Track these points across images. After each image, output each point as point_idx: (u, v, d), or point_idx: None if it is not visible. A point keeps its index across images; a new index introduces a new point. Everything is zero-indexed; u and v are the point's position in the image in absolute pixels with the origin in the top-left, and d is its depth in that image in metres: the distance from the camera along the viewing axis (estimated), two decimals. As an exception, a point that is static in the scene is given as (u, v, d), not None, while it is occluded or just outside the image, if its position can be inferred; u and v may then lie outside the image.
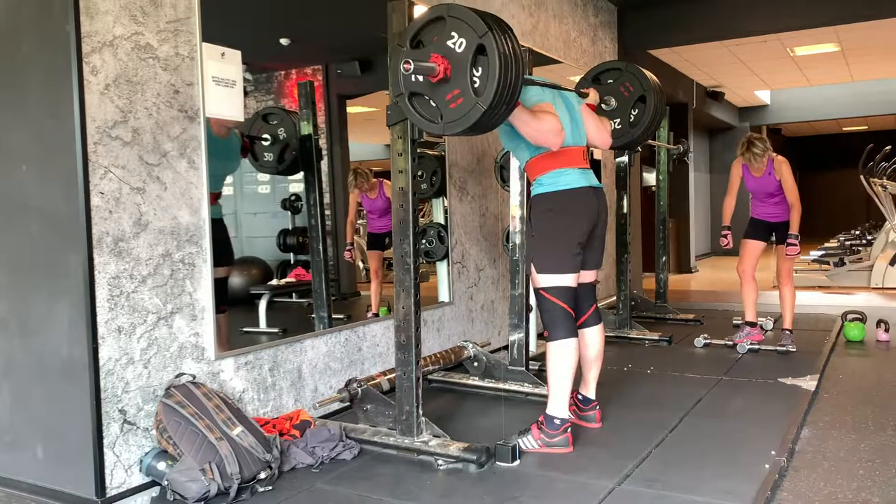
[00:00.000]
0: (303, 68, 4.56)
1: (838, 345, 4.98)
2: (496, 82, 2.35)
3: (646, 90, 3.68)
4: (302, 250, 4.51)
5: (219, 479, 2.46)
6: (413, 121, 2.63)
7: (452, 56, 2.43)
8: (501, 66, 2.35)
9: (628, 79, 3.75)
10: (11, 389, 2.69)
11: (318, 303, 4.04)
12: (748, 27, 7.02)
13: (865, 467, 2.72)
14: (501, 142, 3.20)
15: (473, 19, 2.40)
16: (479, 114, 2.40)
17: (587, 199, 3.01)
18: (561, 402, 2.94)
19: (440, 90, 2.47)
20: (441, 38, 2.46)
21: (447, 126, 2.49)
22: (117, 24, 2.54)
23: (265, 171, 4.29)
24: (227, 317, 3.49)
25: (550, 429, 2.91)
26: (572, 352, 2.94)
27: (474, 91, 2.40)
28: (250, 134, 4.04)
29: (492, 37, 2.35)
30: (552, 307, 2.96)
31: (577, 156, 3.04)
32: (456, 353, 4.06)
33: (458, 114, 2.45)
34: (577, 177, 3.00)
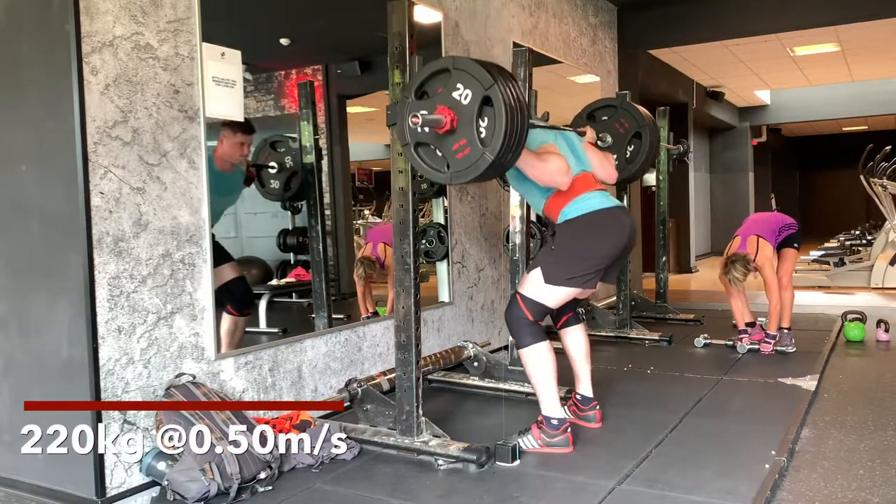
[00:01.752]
0: (303, 68, 4.57)
1: (838, 345, 4.97)
2: (503, 133, 2.37)
3: (641, 127, 3.75)
4: (302, 250, 4.52)
5: (219, 479, 2.46)
6: (419, 170, 2.64)
7: (458, 107, 2.45)
8: (507, 117, 2.36)
9: (623, 115, 3.83)
10: (11, 389, 2.69)
11: (318, 303, 4.04)
12: (748, 27, 7.02)
13: (865, 467, 2.72)
14: (514, 188, 3.19)
15: (479, 71, 2.41)
16: (486, 164, 2.41)
17: (619, 220, 2.98)
18: (552, 402, 2.94)
19: (446, 140, 2.49)
20: (447, 89, 2.47)
21: (454, 175, 2.50)
22: (117, 24, 2.54)
23: (271, 199, 4.34)
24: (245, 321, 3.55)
25: (550, 429, 2.92)
26: (546, 353, 2.94)
27: (481, 141, 2.42)
28: (257, 162, 4.08)
29: (497, 89, 2.37)
30: (521, 317, 2.94)
31: (589, 181, 3.04)
32: (456, 353, 4.06)
33: (465, 164, 2.46)
34: (601, 198, 2.99)
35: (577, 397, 3.25)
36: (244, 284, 3.66)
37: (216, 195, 3.01)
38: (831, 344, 4.90)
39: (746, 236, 4.71)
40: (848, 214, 15.13)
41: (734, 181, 14.02)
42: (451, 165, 2.50)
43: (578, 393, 3.25)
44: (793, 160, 18.51)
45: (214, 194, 2.94)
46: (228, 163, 3.50)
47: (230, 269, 3.50)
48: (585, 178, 3.03)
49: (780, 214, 4.96)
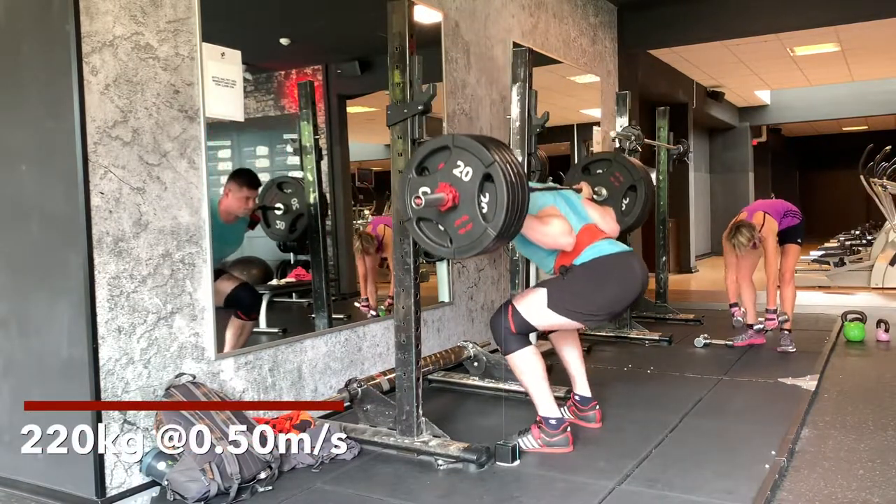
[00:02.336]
0: (303, 68, 4.56)
1: (838, 345, 4.97)
2: (505, 208, 2.39)
3: (636, 180, 3.81)
4: (302, 250, 4.52)
5: (219, 479, 2.46)
6: (422, 245, 2.65)
7: (460, 184, 2.47)
8: (509, 192, 2.39)
9: (618, 169, 3.89)
10: (11, 389, 2.69)
11: (319, 303, 4.04)
12: (748, 27, 7.02)
13: (865, 467, 2.72)
14: (520, 252, 3.19)
15: (478, 149, 2.44)
16: (490, 239, 2.43)
17: (632, 269, 2.97)
18: (547, 402, 2.94)
19: (449, 216, 2.51)
20: (447, 165, 2.50)
21: (458, 251, 2.52)
22: (117, 24, 2.54)
23: (275, 239, 4.37)
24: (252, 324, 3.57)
25: (549, 428, 2.92)
26: (532, 356, 2.94)
27: (483, 217, 2.44)
28: (263, 202, 4.11)
29: (497, 166, 2.39)
30: (506, 327, 2.94)
31: (594, 231, 3.03)
32: (456, 353, 4.06)
33: (468, 239, 2.48)
34: (610, 245, 2.98)
35: (575, 398, 3.25)
36: (249, 289, 3.67)
37: (219, 244, 3.04)
38: (831, 344, 4.90)
39: (753, 212, 4.74)
40: (848, 214, 15.13)
41: (734, 181, 14.02)
42: (453, 241, 2.52)
43: (577, 393, 3.25)
44: (793, 160, 18.51)
45: (217, 243, 2.96)
46: (232, 215, 3.52)
47: (228, 280, 3.51)
48: (590, 230, 3.01)
49: (785, 201, 4.95)
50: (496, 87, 4.93)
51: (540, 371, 2.95)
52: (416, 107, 2.78)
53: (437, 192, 2.48)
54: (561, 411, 3.00)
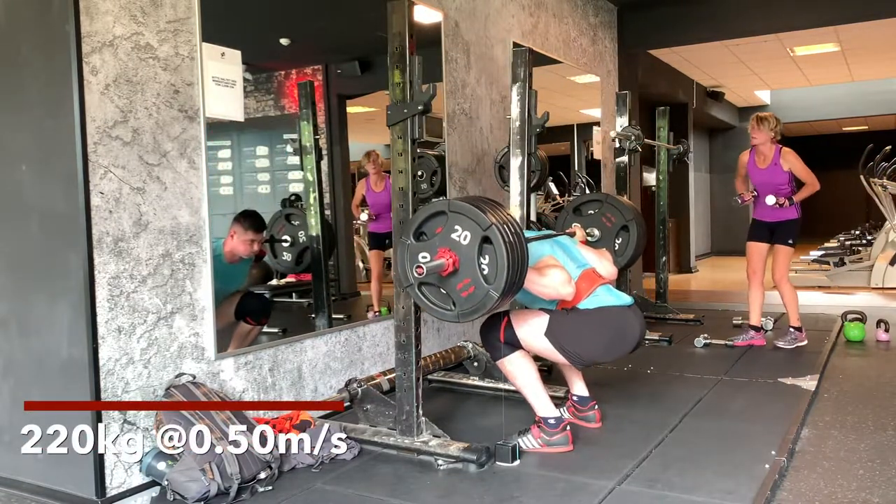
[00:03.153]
0: (303, 68, 4.56)
1: (838, 345, 4.97)
2: (506, 270, 2.40)
3: (628, 220, 3.85)
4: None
5: (219, 479, 2.46)
6: (425, 310, 2.66)
7: (459, 248, 2.48)
8: (508, 254, 2.40)
9: (609, 210, 3.91)
10: (11, 389, 2.69)
11: (318, 303, 4.04)
12: (748, 27, 7.02)
13: (865, 467, 2.72)
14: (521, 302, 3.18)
15: (475, 213, 2.45)
16: (493, 301, 2.45)
17: (632, 327, 2.97)
18: (544, 402, 2.94)
19: (451, 280, 2.52)
20: (445, 229, 2.51)
21: (462, 314, 2.53)
22: (117, 24, 2.54)
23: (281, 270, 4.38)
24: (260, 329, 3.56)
25: (549, 427, 2.92)
26: (521, 359, 2.94)
27: (484, 279, 2.45)
28: (271, 234, 4.14)
29: (495, 229, 2.41)
30: (496, 337, 2.94)
31: (592, 277, 3.01)
32: (456, 353, 4.06)
33: (471, 302, 2.49)
34: (608, 294, 2.97)
35: (573, 398, 3.25)
36: (255, 296, 3.66)
37: (222, 284, 3.04)
38: (831, 344, 4.90)
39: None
40: (848, 214, 15.13)
41: (734, 181, 13.99)
42: (456, 304, 2.53)
43: (574, 393, 3.25)
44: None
45: (221, 283, 2.96)
46: (237, 257, 3.52)
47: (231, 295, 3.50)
48: (588, 276, 2.99)
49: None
50: (496, 87, 4.93)
51: (532, 373, 2.95)
52: (416, 107, 2.78)
53: (436, 258, 2.49)
54: (560, 411, 3.00)
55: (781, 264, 4.86)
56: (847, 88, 12.17)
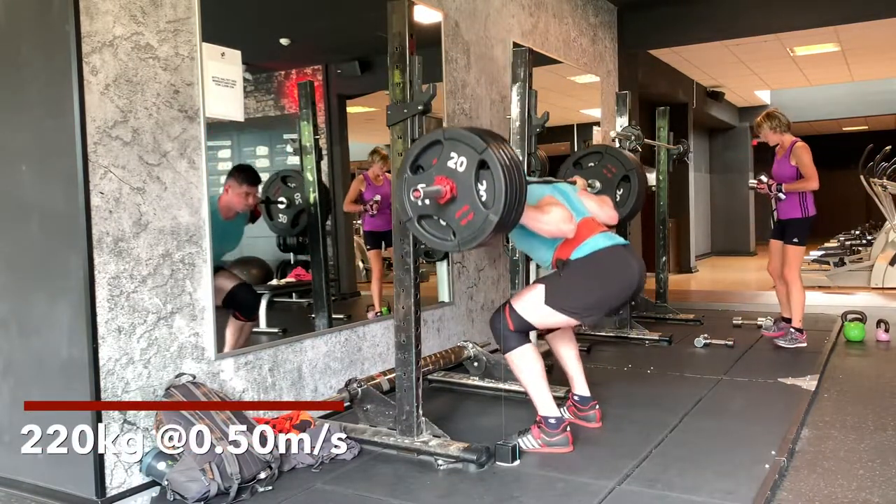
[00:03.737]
0: (303, 68, 4.57)
1: (838, 345, 4.97)
2: (504, 192, 2.39)
3: (629, 170, 3.82)
4: (302, 250, 4.52)
5: (219, 479, 2.46)
6: (426, 242, 2.65)
7: (455, 175, 2.47)
8: (506, 176, 2.39)
9: (610, 161, 3.90)
10: (11, 389, 2.69)
11: (318, 303, 4.04)
12: (748, 27, 7.02)
13: (865, 467, 2.72)
14: (518, 247, 3.19)
15: (470, 138, 2.44)
16: (492, 225, 2.43)
17: (628, 263, 2.98)
18: (546, 402, 2.95)
19: (449, 209, 2.51)
20: (441, 159, 2.50)
21: (462, 242, 2.51)
22: (117, 24, 2.54)
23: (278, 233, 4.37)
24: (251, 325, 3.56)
25: (549, 428, 2.92)
26: (531, 354, 2.95)
27: (483, 204, 2.44)
28: (267, 196, 4.13)
29: (491, 151, 2.40)
30: (505, 326, 2.96)
31: (592, 224, 3.04)
32: (456, 353, 4.06)
33: (470, 229, 2.47)
34: (605, 239, 2.98)
35: (574, 398, 3.25)
36: (248, 290, 3.65)
37: (218, 242, 3.03)
38: (831, 344, 4.90)
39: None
40: (848, 214, 15.13)
41: (734, 181, 14.02)
42: (456, 233, 2.52)
43: (576, 393, 3.25)
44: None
45: (216, 241, 2.95)
46: (233, 212, 3.51)
47: (227, 278, 3.49)
48: (588, 223, 3.02)
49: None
50: (496, 87, 4.93)
51: (539, 370, 2.95)
52: (416, 107, 2.78)
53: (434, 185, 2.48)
54: (560, 411, 3.00)
55: (787, 263, 4.90)
56: (847, 88, 12.17)
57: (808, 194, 4.81)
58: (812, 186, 4.73)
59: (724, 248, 14.11)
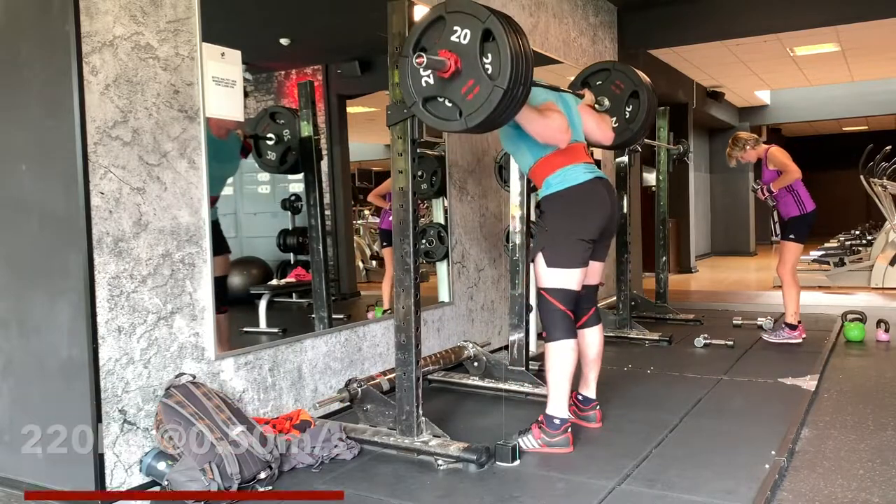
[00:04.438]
0: (303, 68, 4.57)
1: (838, 345, 4.98)
2: (510, 62, 2.34)
3: (637, 85, 3.70)
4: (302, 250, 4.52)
5: (219, 479, 2.46)
6: (432, 124, 2.60)
7: (460, 49, 2.43)
8: (511, 45, 2.35)
9: (618, 77, 3.77)
10: (11, 389, 2.69)
11: (318, 303, 4.04)
12: (748, 27, 7.02)
13: (865, 467, 2.72)
14: (504, 147, 3.19)
15: (473, 8, 2.41)
16: (499, 96, 2.37)
17: (599, 192, 3.01)
18: (561, 402, 2.93)
19: (454, 86, 2.46)
20: (444, 36, 2.46)
21: (469, 118, 2.46)
22: (117, 24, 2.54)
23: (267, 170, 4.30)
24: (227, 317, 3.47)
25: (551, 428, 2.91)
26: (571, 352, 2.94)
27: (489, 76, 2.40)
28: (255, 132, 4.02)
29: (495, 19, 2.37)
30: (553, 309, 2.96)
31: (579, 152, 3.06)
32: (456, 353, 4.06)
33: (477, 103, 2.42)
34: (584, 171, 3.01)
35: (578, 397, 3.25)
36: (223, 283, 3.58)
37: (214, 162, 2.96)
38: (831, 344, 4.90)
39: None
40: (848, 214, 15.14)
41: (734, 181, 14.02)
42: (463, 110, 2.46)
43: (580, 393, 3.25)
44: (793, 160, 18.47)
45: (213, 161, 2.90)
46: (223, 128, 3.40)
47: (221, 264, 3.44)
48: (575, 150, 3.04)
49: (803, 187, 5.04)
50: (496, 87, 4.93)
51: (569, 368, 2.94)
52: (416, 106, 2.78)
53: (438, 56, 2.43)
54: (567, 412, 2.98)
55: (781, 259, 4.99)
56: (847, 88, 12.17)
57: (801, 190, 4.92)
58: (793, 177, 4.87)
59: (724, 248, 14.11)
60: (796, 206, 4.90)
